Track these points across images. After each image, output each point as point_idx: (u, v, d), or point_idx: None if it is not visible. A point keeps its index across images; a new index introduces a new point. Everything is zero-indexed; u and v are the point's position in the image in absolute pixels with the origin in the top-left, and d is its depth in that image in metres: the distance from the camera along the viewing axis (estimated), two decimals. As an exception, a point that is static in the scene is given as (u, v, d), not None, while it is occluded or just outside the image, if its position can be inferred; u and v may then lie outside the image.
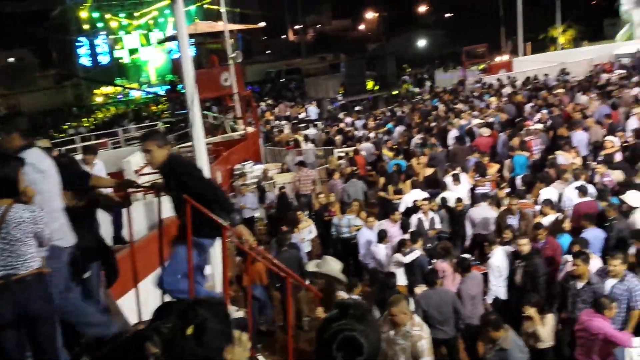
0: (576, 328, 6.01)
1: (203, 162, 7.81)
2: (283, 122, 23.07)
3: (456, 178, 10.41)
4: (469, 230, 9.26)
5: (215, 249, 5.04)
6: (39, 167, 3.86)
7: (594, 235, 7.43)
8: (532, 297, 6.31)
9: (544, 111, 14.76)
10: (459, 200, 9.74)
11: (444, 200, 10.01)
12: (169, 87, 39.71)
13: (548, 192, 9.17)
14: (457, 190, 10.36)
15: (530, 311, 6.10)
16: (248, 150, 16.76)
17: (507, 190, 10.09)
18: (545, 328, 6.13)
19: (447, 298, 6.56)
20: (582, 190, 8.66)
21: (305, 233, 9.92)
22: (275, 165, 16.01)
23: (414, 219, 9.36)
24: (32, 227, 3.28)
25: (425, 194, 10.06)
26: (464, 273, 7.00)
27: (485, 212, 9.09)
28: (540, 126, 13.41)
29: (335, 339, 1.76)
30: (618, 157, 10.54)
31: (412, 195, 10.03)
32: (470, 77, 26.32)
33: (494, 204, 9.31)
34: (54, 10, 45.29)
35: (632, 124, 12.27)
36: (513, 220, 8.46)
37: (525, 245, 7.14)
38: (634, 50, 23.73)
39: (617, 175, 9.44)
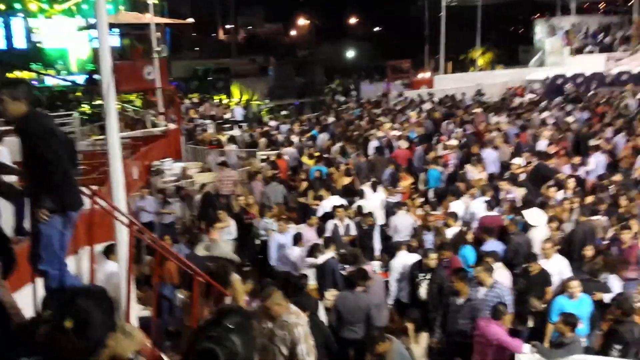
0: (475, 333, 6.40)
1: (116, 156, 7.56)
2: (207, 122, 22.74)
3: (374, 187, 10.74)
4: (377, 245, 9.55)
5: (122, 245, 4.95)
6: None
7: (494, 247, 7.94)
8: (412, 312, 6.65)
9: (459, 129, 15.55)
10: (369, 214, 9.89)
11: (359, 208, 10.30)
12: (87, 76, 38.20)
13: (457, 205, 9.69)
14: (373, 198, 10.69)
15: (409, 326, 6.40)
16: (168, 147, 16.38)
17: (420, 200, 10.54)
18: (419, 346, 6.44)
19: (362, 303, 6.75)
20: (490, 205, 9.23)
21: (224, 233, 9.82)
22: (196, 164, 15.74)
23: (329, 225, 9.56)
24: None
25: (343, 201, 10.30)
26: (362, 282, 6.98)
27: (405, 219, 9.48)
28: (455, 142, 14.11)
29: (195, 348, 1.71)
30: (522, 176, 11.30)
31: (330, 202, 10.23)
32: (393, 91, 27.17)
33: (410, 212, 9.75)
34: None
35: (541, 145, 13.19)
36: (429, 236, 8.88)
37: (433, 260, 7.50)
38: (544, 76, 25.52)
39: (521, 193, 10.12)
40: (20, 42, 44.67)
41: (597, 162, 11.85)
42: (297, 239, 8.74)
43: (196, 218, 11.46)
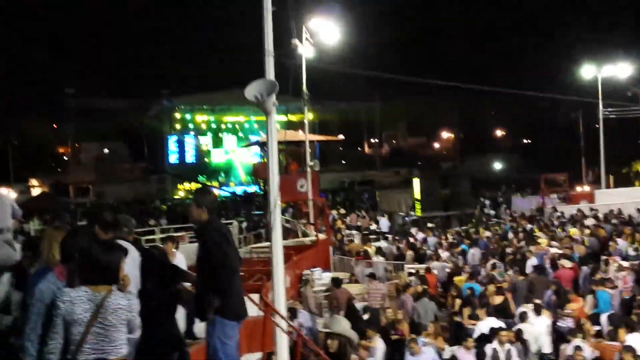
0: None
1: (279, 265, 7.87)
2: (354, 232, 23.10)
3: (537, 310, 9.87)
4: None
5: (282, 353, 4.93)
6: (133, 257, 4.08)
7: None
8: None
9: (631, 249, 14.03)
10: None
11: (519, 332, 9.44)
12: (244, 189, 41.46)
13: (634, 339, 8.48)
14: (537, 323, 9.78)
15: None
16: (318, 257, 16.73)
17: (595, 328, 9.39)
18: None
19: None
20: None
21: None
22: (343, 274, 15.81)
23: (488, 349, 8.83)
24: (127, 314, 3.38)
25: (502, 323, 9.54)
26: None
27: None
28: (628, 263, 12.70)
29: None
30: None
31: (488, 323, 9.53)
32: (549, 205, 25.67)
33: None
34: (150, 109, 49.41)
35: None
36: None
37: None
38: None
39: None
40: (190, 157, 50.65)
41: None
42: (455, 363, 8.15)
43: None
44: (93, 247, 3.58)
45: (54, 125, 56.86)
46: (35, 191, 40.16)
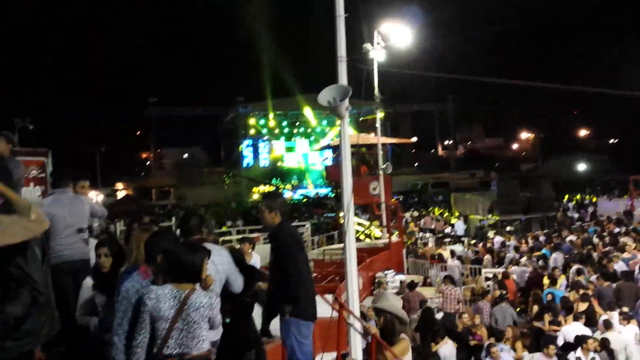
0: None
1: (352, 267, 7.91)
2: (428, 235, 22.78)
3: (625, 318, 9.32)
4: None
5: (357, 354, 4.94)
6: (213, 260, 4.25)
7: None
8: None
9: None
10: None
11: (605, 341, 8.95)
12: (316, 192, 41.84)
13: None
14: (624, 332, 9.24)
15: None
16: (391, 260, 16.65)
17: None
18: None
19: None
20: None
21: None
22: (417, 277, 15.64)
23: (572, 358, 8.44)
24: (208, 312, 3.54)
25: (587, 330, 9.10)
26: None
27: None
28: None
29: None
30: None
31: (573, 329, 9.11)
32: (638, 208, 24.11)
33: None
34: (226, 116, 51.11)
35: None
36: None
37: None
38: None
39: None
40: (264, 161, 51.88)
41: None
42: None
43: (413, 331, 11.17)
44: (178, 247, 3.79)
45: (138, 132, 60.12)
46: (121, 194, 42.46)
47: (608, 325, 9.52)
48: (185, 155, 58.66)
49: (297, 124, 50.04)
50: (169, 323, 3.45)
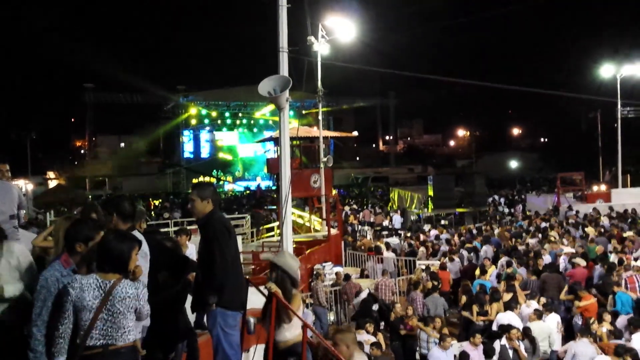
0: None
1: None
2: (366, 228, 23.13)
3: (547, 308, 9.83)
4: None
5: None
6: (143, 250, 4.16)
7: None
8: None
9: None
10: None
11: (528, 329, 9.41)
12: (258, 184, 41.59)
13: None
14: (547, 320, 9.74)
15: None
16: (329, 252, 16.83)
17: (606, 329, 9.29)
18: None
19: None
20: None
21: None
22: (354, 269, 15.88)
23: (497, 346, 8.82)
24: (134, 302, 3.47)
25: (518, 319, 9.53)
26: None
27: (586, 349, 8.38)
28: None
29: None
30: None
31: (506, 318, 9.52)
32: (564, 204, 25.45)
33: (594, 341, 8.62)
34: (167, 104, 49.81)
35: None
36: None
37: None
38: None
39: None
40: (204, 152, 51.05)
41: None
42: (463, 359, 8.15)
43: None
44: (107, 235, 3.68)
45: (72, 119, 57.71)
46: (52, 183, 40.72)
47: (533, 314, 10.00)
48: (122, 145, 56.86)
49: (240, 115, 49.52)
50: (93, 313, 3.36)
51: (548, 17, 62.15)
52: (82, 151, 57.59)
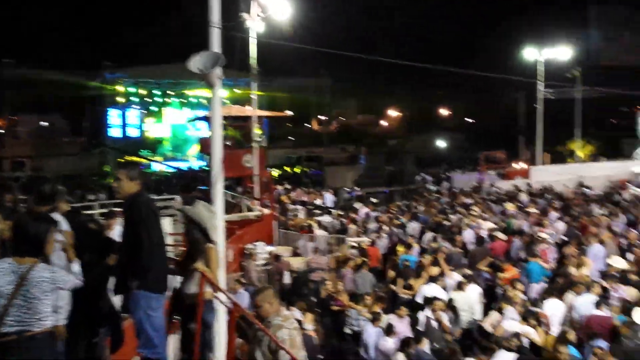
0: None
1: (220, 239, 7.92)
2: (299, 207, 23.28)
3: (469, 279, 10.36)
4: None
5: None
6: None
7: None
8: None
9: (560, 222, 14.82)
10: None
11: (451, 300, 9.90)
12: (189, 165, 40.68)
13: (555, 304, 9.11)
14: (469, 291, 10.26)
15: None
16: (261, 231, 16.85)
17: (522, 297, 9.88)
18: None
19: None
20: (600, 304, 8.57)
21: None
22: (286, 248, 16.02)
23: (421, 317, 9.23)
24: (50, 286, 3.38)
25: (443, 292, 9.98)
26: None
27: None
28: (554, 236, 13.42)
29: None
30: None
31: (430, 290, 9.93)
32: (487, 181, 26.64)
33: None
34: (92, 81, 47.54)
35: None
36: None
37: None
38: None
39: (631, 292, 9.32)
40: (133, 131, 49.28)
41: None
42: (390, 331, 8.48)
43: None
44: (22, 217, 3.56)
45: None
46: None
47: (460, 286, 10.48)
48: (44, 123, 53.88)
49: (171, 93, 48.06)
50: (7, 299, 3.25)
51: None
52: (1, 130, 54.17)
